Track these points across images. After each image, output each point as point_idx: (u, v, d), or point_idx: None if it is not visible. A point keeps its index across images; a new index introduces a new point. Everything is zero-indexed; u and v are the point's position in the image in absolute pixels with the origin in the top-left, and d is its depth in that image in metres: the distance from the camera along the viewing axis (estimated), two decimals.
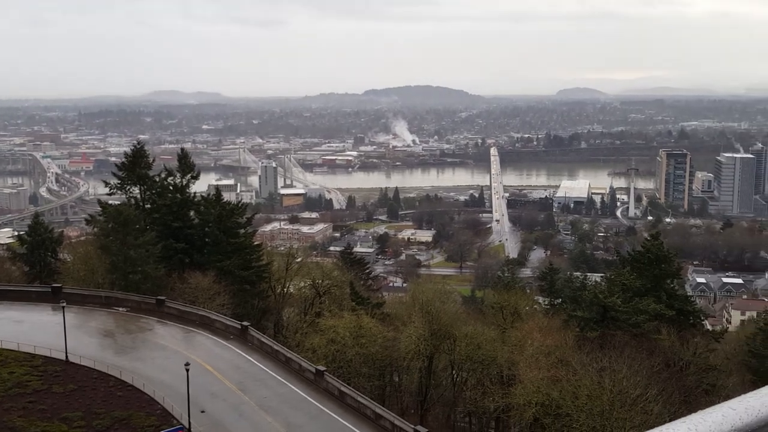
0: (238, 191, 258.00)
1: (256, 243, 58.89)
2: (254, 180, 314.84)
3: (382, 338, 42.44)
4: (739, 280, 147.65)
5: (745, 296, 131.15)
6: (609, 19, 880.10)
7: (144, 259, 46.75)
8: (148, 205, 54.76)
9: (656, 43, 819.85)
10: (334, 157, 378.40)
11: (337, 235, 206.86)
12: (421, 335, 41.24)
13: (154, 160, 59.15)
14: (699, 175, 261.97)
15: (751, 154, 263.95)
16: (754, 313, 78.16)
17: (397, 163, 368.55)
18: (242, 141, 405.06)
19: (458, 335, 41.75)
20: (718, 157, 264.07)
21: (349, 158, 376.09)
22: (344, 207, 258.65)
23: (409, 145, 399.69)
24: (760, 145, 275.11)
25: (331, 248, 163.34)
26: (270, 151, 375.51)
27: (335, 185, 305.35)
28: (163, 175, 55.45)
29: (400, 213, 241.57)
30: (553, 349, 37.00)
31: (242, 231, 55.69)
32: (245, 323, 40.75)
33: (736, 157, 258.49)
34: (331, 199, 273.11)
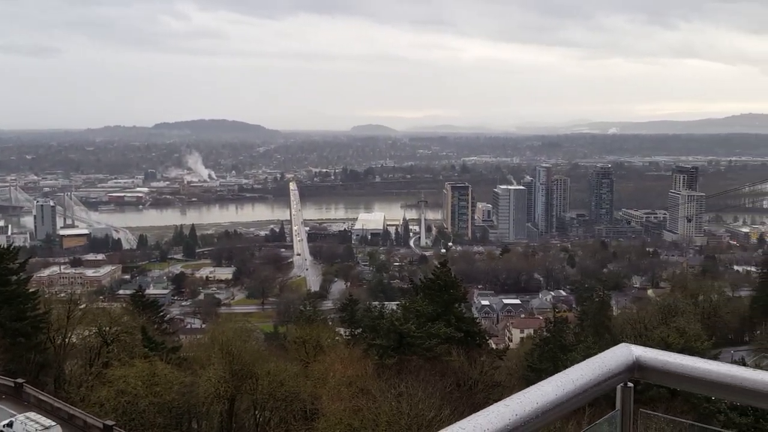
0: (9, 233, 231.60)
1: (31, 290, 52.87)
2: (28, 220, 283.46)
3: (179, 384, 40.07)
4: (517, 301, 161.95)
5: (523, 315, 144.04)
6: (395, 61, 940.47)
7: None
8: None
9: (438, 85, 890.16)
10: (122, 194, 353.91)
11: (128, 277, 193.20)
12: (221, 377, 39.67)
13: None
14: (480, 205, 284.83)
15: (523, 185, 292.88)
16: (532, 330, 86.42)
17: (193, 199, 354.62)
18: (13, 178, 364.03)
19: (260, 374, 40.82)
20: (495, 189, 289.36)
21: (140, 195, 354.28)
22: (135, 247, 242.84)
23: (205, 181, 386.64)
24: (529, 177, 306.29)
25: (121, 291, 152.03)
26: (47, 189, 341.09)
27: (124, 224, 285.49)
28: None
29: (197, 251, 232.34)
30: (354, 379, 37.61)
31: (14, 278, 49.78)
32: (19, 380, 36.33)
33: (510, 189, 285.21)
34: (119, 239, 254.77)
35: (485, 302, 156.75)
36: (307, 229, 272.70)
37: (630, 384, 3.14)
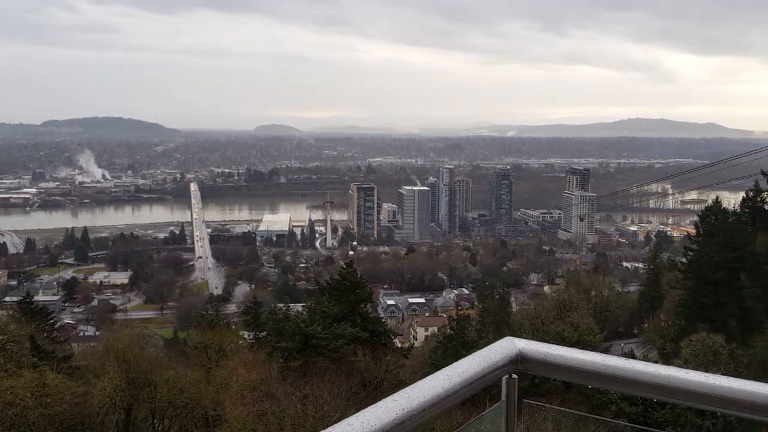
0: None
1: None
2: None
3: (71, 394, 37.73)
4: (422, 300, 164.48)
5: (427, 314, 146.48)
6: (299, 61, 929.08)
7: None
8: None
9: (343, 86, 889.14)
10: (7, 196, 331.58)
11: (14, 283, 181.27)
12: (117, 386, 37.70)
13: None
14: (385, 206, 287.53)
15: (427, 186, 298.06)
16: (435, 328, 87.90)
17: (86, 201, 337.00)
18: None
19: (159, 381, 39.15)
20: (400, 190, 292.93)
21: (27, 196, 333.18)
22: (22, 251, 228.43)
23: (98, 181, 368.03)
24: (433, 178, 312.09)
25: (7, 298, 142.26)
26: None
27: (10, 227, 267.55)
28: None
29: (90, 255, 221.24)
30: (258, 383, 36.77)
31: None
32: None
33: (414, 190, 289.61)
34: (5, 243, 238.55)
35: (391, 302, 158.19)
36: (210, 230, 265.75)
37: (514, 376, 3.25)
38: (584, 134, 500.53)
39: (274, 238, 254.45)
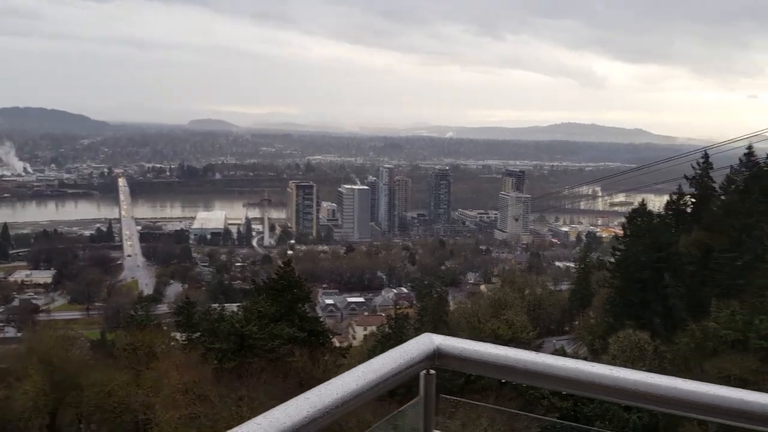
0: None
1: None
2: None
3: None
4: (361, 299, 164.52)
5: (366, 313, 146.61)
6: (236, 55, 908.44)
7: None
8: None
9: (281, 82, 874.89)
10: None
11: None
12: (41, 390, 36.35)
13: None
14: (325, 204, 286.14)
15: (367, 185, 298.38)
16: (374, 328, 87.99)
17: (6, 195, 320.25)
18: None
19: (85, 384, 37.85)
20: (340, 189, 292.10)
21: None
22: None
23: (19, 174, 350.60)
24: (372, 177, 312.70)
25: None
26: None
27: None
28: None
29: (10, 252, 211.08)
30: (191, 385, 35.97)
31: None
32: None
33: (354, 189, 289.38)
34: None
35: (329, 301, 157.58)
36: (140, 228, 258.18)
37: (432, 371, 3.27)
38: (520, 137, 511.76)
39: (209, 237, 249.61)
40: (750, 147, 75.47)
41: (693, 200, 78.35)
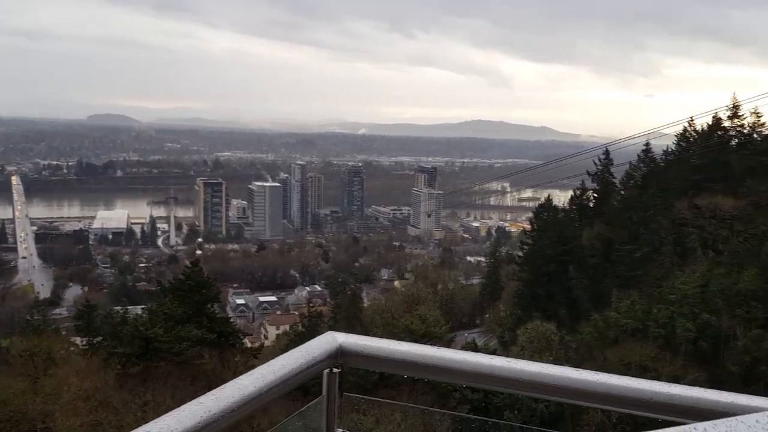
0: None
1: None
2: None
3: None
4: (273, 298, 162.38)
5: (279, 312, 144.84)
6: (137, 47, 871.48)
7: None
8: None
9: (186, 75, 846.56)
10: None
11: None
12: None
13: None
14: (234, 202, 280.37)
15: (278, 182, 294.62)
16: (287, 327, 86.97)
17: None
18: None
19: None
20: (251, 186, 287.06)
21: None
22: None
23: None
24: (284, 174, 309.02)
25: None
26: None
27: None
28: None
29: None
30: (92, 392, 34.28)
31: None
32: None
33: (266, 186, 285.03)
34: None
35: (240, 301, 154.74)
36: (35, 228, 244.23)
37: (335, 370, 3.30)
38: (432, 134, 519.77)
39: (111, 237, 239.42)
40: (647, 144, 79.80)
41: (595, 195, 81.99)
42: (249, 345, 54.76)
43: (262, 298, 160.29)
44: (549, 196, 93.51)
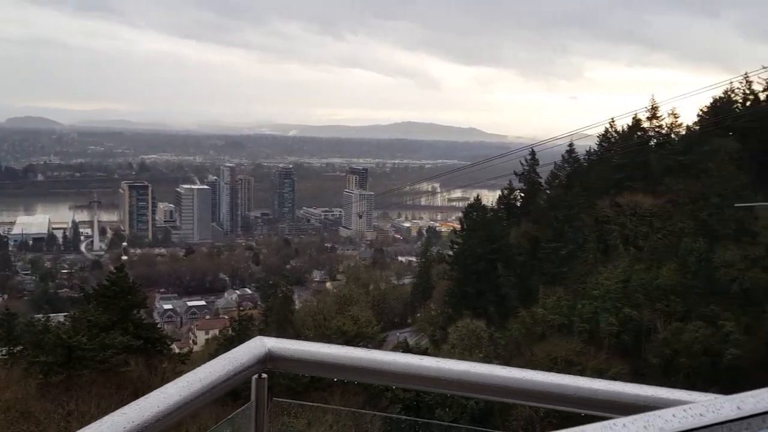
0: None
1: None
2: None
3: None
4: (202, 302, 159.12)
5: (208, 316, 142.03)
6: (57, 47, 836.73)
7: None
8: None
9: (110, 77, 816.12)
10: None
11: None
12: None
13: None
14: (161, 205, 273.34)
15: (207, 185, 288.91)
16: (217, 331, 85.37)
17: None
18: None
19: None
20: (178, 189, 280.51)
21: None
22: None
23: None
24: (213, 177, 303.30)
25: None
26: None
27: None
28: None
29: None
30: (13, 402, 32.83)
31: None
32: None
33: (194, 188, 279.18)
34: None
35: (168, 306, 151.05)
36: None
37: (264, 375, 3.26)
38: (362, 135, 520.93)
39: (31, 242, 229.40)
40: (571, 144, 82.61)
41: (522, 195, 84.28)
42: (177, 351, 53.65)
43: (190, 303, 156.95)
44: (478, 196, 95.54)
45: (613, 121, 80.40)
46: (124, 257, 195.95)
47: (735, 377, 45.64)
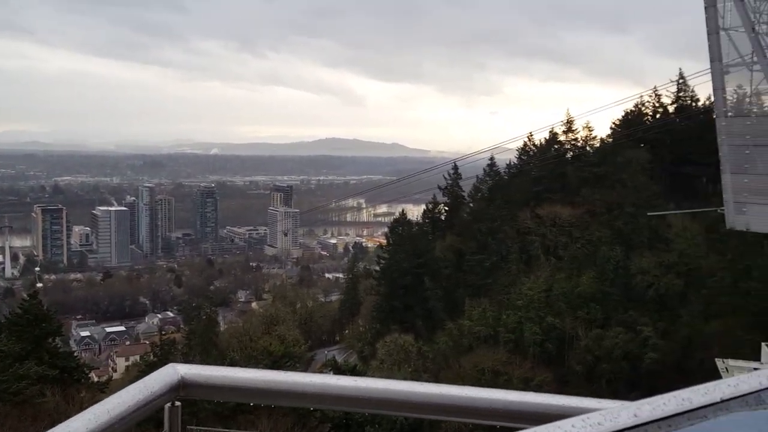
0: None
1: None
2: None
3: None
4: (122, 328, 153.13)
5: (128, 342, 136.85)
6: None
7: None
8: None
9: (18, 97, 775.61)
10: None
11: None
12: None
13: None
14: (77, 229, 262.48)
15: (125, 206, 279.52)
16: (138, 357, 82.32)
17: None
18: None
19: None
20: (94, 211, 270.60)
21: None
22: None
23: None
24: (131, 198, 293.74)
25: None
26: None
27: None
28: None
29: None
30: None
31: None
32: None
33: (111, 210, 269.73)
34: None
35: (85, 333, 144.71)
36: None
37: (177, 403, 3.17)
38: (286, 152, 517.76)
39: None
40: (492, 158, 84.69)
41: (446, 208, 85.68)
42: (96, 379, 51.60)
43: (109, 329, 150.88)
44: (403, 210, 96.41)
45: (531, 135, 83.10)
46: (39, 284, 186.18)
47: (654, 381, 47.50)
